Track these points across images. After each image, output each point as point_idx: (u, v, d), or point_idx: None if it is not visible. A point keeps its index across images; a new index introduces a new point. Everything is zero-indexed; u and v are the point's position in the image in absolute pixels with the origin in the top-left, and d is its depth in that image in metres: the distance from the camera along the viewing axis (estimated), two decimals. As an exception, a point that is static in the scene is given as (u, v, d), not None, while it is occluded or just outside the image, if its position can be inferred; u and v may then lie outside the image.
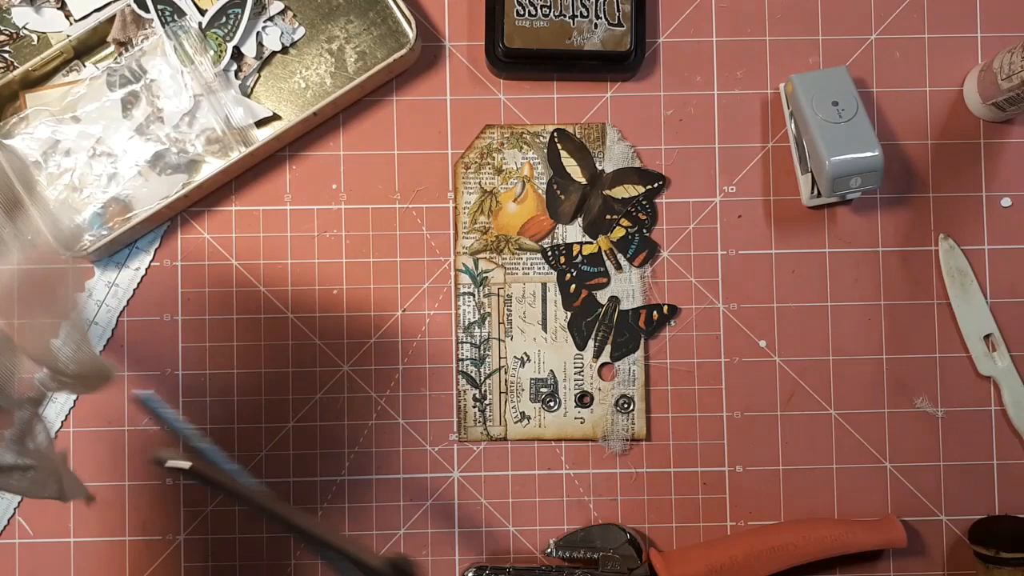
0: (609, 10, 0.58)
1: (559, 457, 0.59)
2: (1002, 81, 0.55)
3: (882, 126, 0.60)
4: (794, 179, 0.60)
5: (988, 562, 0.56)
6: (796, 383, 0.59)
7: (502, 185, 0.60)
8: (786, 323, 0.59)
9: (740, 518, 0.59)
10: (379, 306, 0.59)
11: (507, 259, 0.59)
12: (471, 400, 0.59)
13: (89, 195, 0.57)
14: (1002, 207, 0.60)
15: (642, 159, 0.60)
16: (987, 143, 0.60)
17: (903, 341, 0.59)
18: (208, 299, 0.59)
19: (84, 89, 0.58)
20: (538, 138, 0.60)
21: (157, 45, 0.58)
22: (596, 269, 0.59)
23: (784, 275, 0.59)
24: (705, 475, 0.59)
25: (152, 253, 0.59)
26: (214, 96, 0.58)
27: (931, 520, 0.59)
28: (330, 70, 0.59)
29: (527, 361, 0.59)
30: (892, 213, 0.60)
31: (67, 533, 0.58)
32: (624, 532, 0.57)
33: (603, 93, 0.60)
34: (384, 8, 0.59)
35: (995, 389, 0.59)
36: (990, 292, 0.59)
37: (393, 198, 0.60)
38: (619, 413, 0.59)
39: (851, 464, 0.59)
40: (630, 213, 0.59)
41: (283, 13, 0.59)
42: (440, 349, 0.59)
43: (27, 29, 0.59)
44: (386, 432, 0.59)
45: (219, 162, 0.58)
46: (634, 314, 0.59)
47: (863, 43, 0.60)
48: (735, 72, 0.60)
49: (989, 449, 0.59)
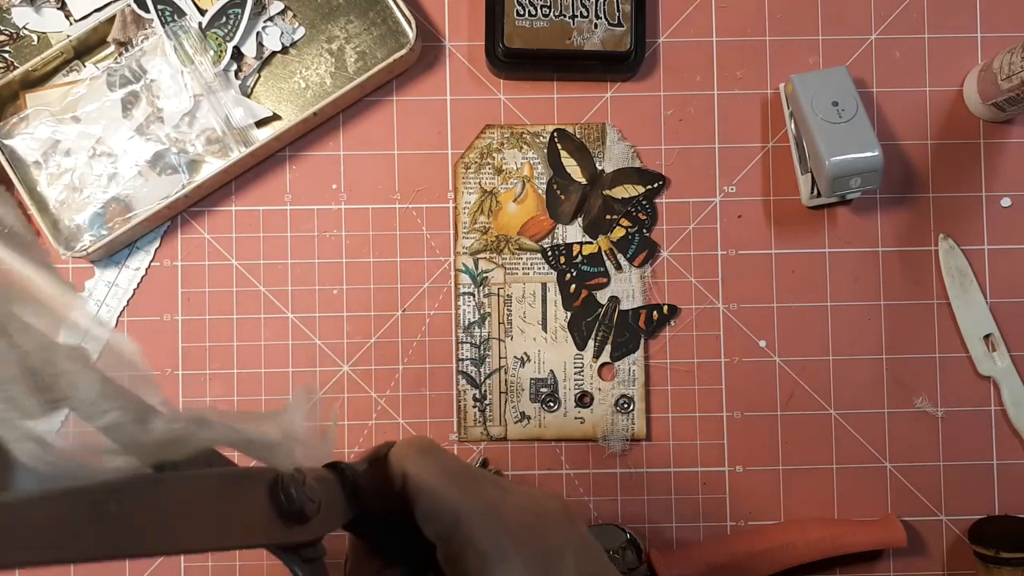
0: (609, 10, 0.58)
1: (559, 457, 0.59)
2: (1002, 81, 0.55)
3: (882, 126, 0.60)
4: (794, 179, 0.60)
5: (988, 562, 0.56)
6: (796, 383, 0.59)
7: (502, 185, 0.60)
8: (786, 323, 0.59)
9: (740, 518, 0.59)
10: (379, 306, 0.59)
11: (507, 259, 0.59)
12: (471, 400, 0.59)
13: (89, 195, 0.57)
14: (1002, 207, 0.60)
15: (642, 159, 0.60)
16: (987, 143, 0.60)
17: (903, 341, 0.59)
18: (208, 299, 0.59)
19: (84, 89, 0.58)
20: (538, 138, 0.60)
21: (157, 45, 0.58)
22: (596, 269, 0.59)
23: (784, 275, 0.59)
24: (705, 475, 0.59)
25: (152, 253, 0.59)
26: (214, 96, 0.58)
27: (931, 520, 0.59)
28: (330, 70, 0.59)
29: (527, 361, 0.59)
30: (892, 213, 0.60)
31: (67, 533, 0.58)
32: (624, 532, 0.57)
33: (603, 93, 0.60)
34: (384, 8, 0.59)
35: (995, 389, 0.59)
36: (990, 292, 0.59)
37: (393, 198, 0.60)
38: (619, 413, 0.59)
39: (851, 464, 0.59)
40: (630, 213, 0.59)
41: (283, 13, 0.59)
42: (440, 349, 0.59)
43: (27, 29, 0.59)
44: (386, 432, 0.59)
45: (219, 162, 0.58)
46: (634, 314, 0.59)
47: (863, 43, 0.60)
48: (735, 72, 0.60)
49: (989, 449, 0.59)
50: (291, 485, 0.27)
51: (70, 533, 0.19)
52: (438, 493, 0.33)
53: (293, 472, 0.28)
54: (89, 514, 0.19)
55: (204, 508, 0.24)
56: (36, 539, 0.18)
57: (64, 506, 0.19)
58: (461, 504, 0.33)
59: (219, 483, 0.26)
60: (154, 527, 0.22)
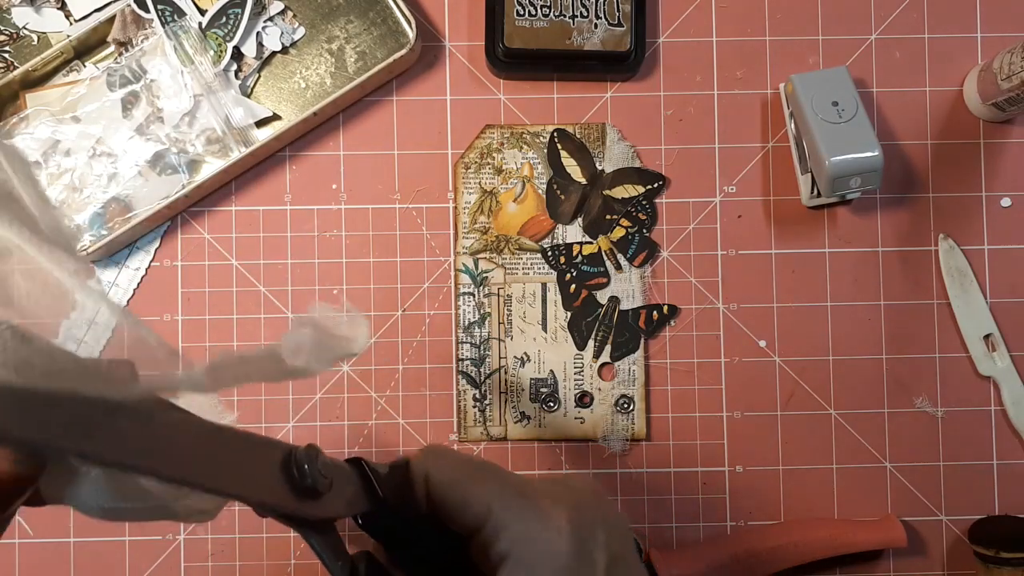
0: (609, 10, 0.58)
1: (559, 457, 0.59)
2: (1002, 81, 0.55)
3: (882, 126, 0.60)
4: (794, 179, 0.60)
5: (988, 562, 0.56)
6: (796, 383, 0.59)
7: (502, 185, 0.60)
8: (786, 323, 0.59)
9: (740, 518, 0.59)
10: (379, 306, 0.59)
11: (507, 259, 0.59)
12: (471, 400, 0.59)
13: (89, 195, 0.57)
14: (1002, 207, 0.60)
15: (642, 159, 0.60)
16: (987, 143, 0.60)
17: (903, 341, 0.59)
18: (208, 299, 0.59)
19: (84, 89, 0.58)
20: (538, 138, 0.60)
21: (157, 45, 0.58)
22: (596, 269, 0.59)
23: (784, 275, 0.59)
24: (705, 475, 0.59)
25: (152, 253, 0.59)
26: (214, 96, 0.58)
27: (931, 520, 0.59)
28: (330, 70, 0.59)
29: (527, 361, 0.59)
30: (892, 213, 0.60)
31: (67, 533, 0.58)
32: (624, 532, 0.57)
33: (603, 93, 0.60)
34: (384, 8, 0.59)
35: (995, 389, 0.59)
36: (990, 292, 0.59)
37: (393, 198, 0.60)
38: (619, 413, 0.59)
39: (851, 464, 0.59)
40: (630, 213, 0.59)
41: (283, 13, 0.59)
42: (440, 349, 0.59)
43: (27, 29, 0.59)
44: (386, 432, 0.59)
45: (219, 162, 0.58)
46: (634, 314, 0.59)
47: (863, 43, 0.60)
48: (735, 72, 0.60)
49: (989, 449, 0.59)
50: (304, 460, 0.28)
51: (83, 430, 0.21)
52: (465, 484, 0.33)
53: (307, 448, 0.28)
54: (103, 418, 0.21)
55: (218, 451, 0.25)
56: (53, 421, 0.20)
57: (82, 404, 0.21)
58: (490, 490, 0.33)
59: (235, 436, 0.26)
60: (164, 448, 0.23)
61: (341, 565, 0.30)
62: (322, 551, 0.30)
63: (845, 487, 0.59)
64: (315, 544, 0.30)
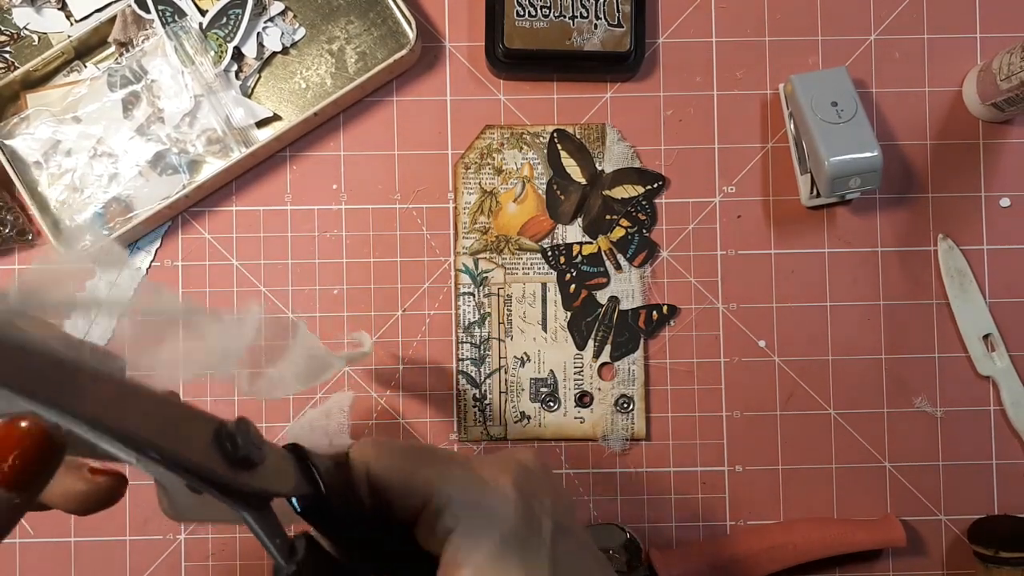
0: (609, 10, 0.58)
1: (559, 457, 0.59)
2: (1001, 81, 0.55)
3: (881, 126, 0.60)
4: (794, 179, 0.60)
5: (987, 562, 0.56)
6: (795, 383, 0.59)
7: (502, 185, 0.60)
8: (785, 323, 0.59)
9: (740, 518, 0.59)
10: (379, 306, 0.59)
11: (507, 259, 0.59)
12: (471, 400, 0.59)
13: (90, 195, 0.58)
14: (1001, 207, 0.60)
15: (642, 159, 0.60)
16: (986, 143, 0.60)
17: (902, 341, 0.59)
18: (208, 299, 0.59)
19: (85, 89, 0.58)
20: (538, 138, 0.60)
21: (158, 45, 0.58)
22: (596, 269, 0.59)
23: (783, 275, 0.60)
24: (704, 475, 0.59)
25: (152, 253, 0.59)
26: (215, 96, 0.58)
27: (930, 520, 0.59)
28: (330, 70, 0.59)
29: (527, 361, 0.59)
30: (891, 213, 0.60)
31: (67, 533, 0.58)
32: (624, 532, 0.57)
33: (603, 93, 0.60)
34: (384, 9, 0.59)
35: (994, 389, 0.59)
36: (989, 292, 0.59)
37: (393, 198, 0.60)
38: (619, 413, 0.59)
39: (850, 464, 0.59)
40: (630, 213, 0.60)
41: (283, 14, 0.59)
42: (440, 349, 0.59)
43: (28, 29, 0.59)
44: (386, 432, 0.59)
45: (220, 162, 0.58)
46: (634, 314, 0.59)
47: (863, 43, 0.60)
48: (735, 72, 0.60)
49: (988, 449, 0.59)
50: (235, 431, 0.28)
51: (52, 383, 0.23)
52: (405, 469, 0.33)
53: (238, 420, 0.28)
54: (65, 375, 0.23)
55: (165, 415, 0.26)
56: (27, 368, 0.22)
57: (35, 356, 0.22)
58: (431, 471, 0.32)
59: (178, 405, 0.27)
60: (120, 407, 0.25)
61: (279, 543, 0.29)
62: (258, 528, 0.29)
63: (844, 487, 0.59)
64: (251, 520, 0.29)
